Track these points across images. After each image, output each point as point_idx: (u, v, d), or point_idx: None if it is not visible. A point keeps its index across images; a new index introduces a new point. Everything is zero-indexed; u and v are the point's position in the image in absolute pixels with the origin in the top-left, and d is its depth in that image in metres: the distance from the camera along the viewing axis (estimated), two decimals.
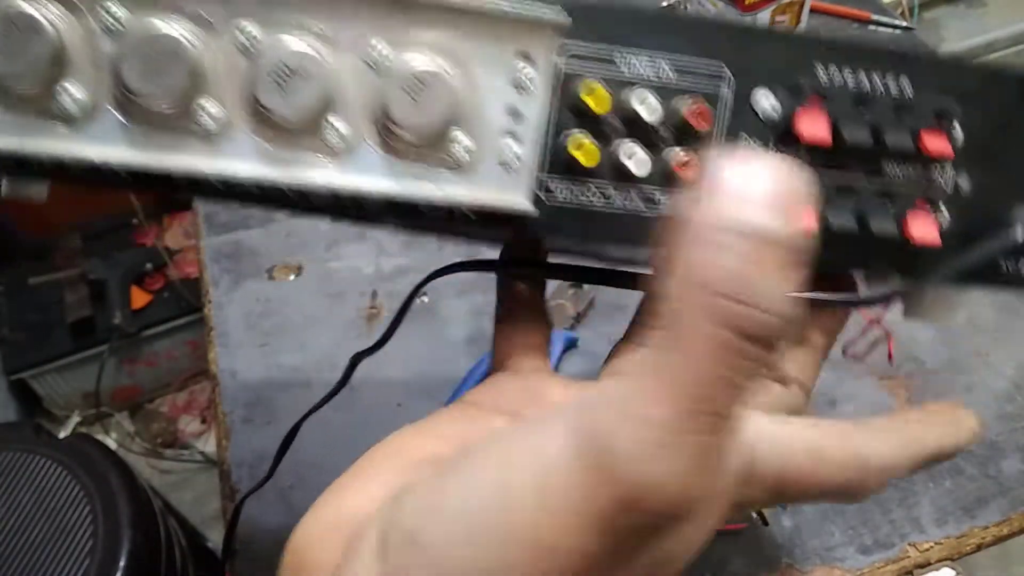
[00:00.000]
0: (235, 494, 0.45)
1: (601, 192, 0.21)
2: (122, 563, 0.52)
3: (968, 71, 0.21)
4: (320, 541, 0.19)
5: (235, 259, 0.57)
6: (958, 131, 0.21)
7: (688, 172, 0.21)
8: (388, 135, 0.19)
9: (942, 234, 0.22)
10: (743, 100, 0.21)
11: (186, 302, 1.23)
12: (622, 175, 0.20)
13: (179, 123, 0.19)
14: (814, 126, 0.20)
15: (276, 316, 0.54)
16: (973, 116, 0.21)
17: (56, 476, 0.55)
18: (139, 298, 1.25)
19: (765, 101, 0.21)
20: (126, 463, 0.61)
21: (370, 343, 0.29)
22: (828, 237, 0.21)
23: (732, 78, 0.21)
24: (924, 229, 0.22)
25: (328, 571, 0.18)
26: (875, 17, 0.73)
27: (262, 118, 0.19)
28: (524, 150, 0.20)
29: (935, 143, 0.21)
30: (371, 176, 0.20)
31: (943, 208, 0.22)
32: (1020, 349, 0.51)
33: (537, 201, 0.21)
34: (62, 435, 0.96)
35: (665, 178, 0.21)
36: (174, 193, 0.19)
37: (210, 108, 0.19)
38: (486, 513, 0.15)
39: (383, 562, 0.16)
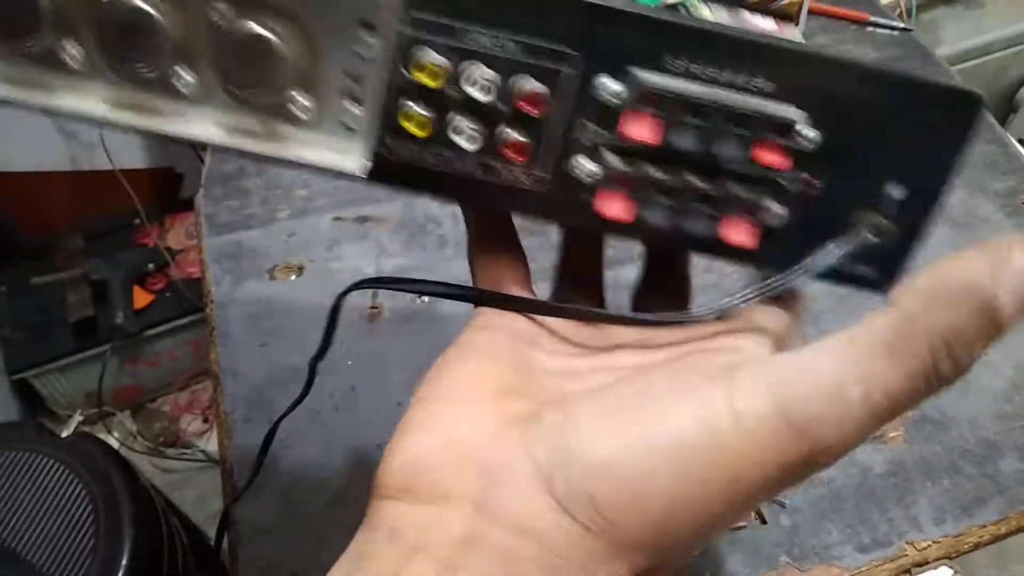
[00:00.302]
0: (237, 493, 0.45)
1: (437, 155, 0.21)
2: (124, 562, 0.53)
3: (838, 70, 0.20)
4: (435, 466, 0.20)
5: (236, 259, 0.57)
6: (811, 135, 0.20)
7: (517, 155, 0.21)
8: (232, 91, 0.20)
9: (770, 235, 0.22)
10: (586, 85, 0.20)
11: (188, 302, 1.24)
12: (454, 146, 0.21)
13: (43, 60, 0.20)
14: (642, 128, 0.20)
15: (277, 316, 0.54)
16: (834, 118, 0.20)
17: (58, 475, 0.55)
18: (141, 298, 1.25)
19: (607, 89, 0.20)
20: (128, 462, 0.61)
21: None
22: (644, 230, 0.22)
23: (579, 61, 0.20)
24: (740, 235, 0.22)
25: (460, 497, 0.20)
26: (873, 18, 0.73)
27: (115, 62, 0.20)
28: (363, 114, 0.21)
29: (769, 155, 0.20)
30: (214, 127, 0.21)
31: (779, 208, 0.21)
32: (1019, 349, 0.52)
33: (375, 159, 0.21)
34: (64, 434, 0.97)
35: (496, 154, 0.21)
36: (38, 114, 0.21)
37: (70, 49, 0.20)
38: (694, 449, 0.18)
39: (552, 492, 0.19)
